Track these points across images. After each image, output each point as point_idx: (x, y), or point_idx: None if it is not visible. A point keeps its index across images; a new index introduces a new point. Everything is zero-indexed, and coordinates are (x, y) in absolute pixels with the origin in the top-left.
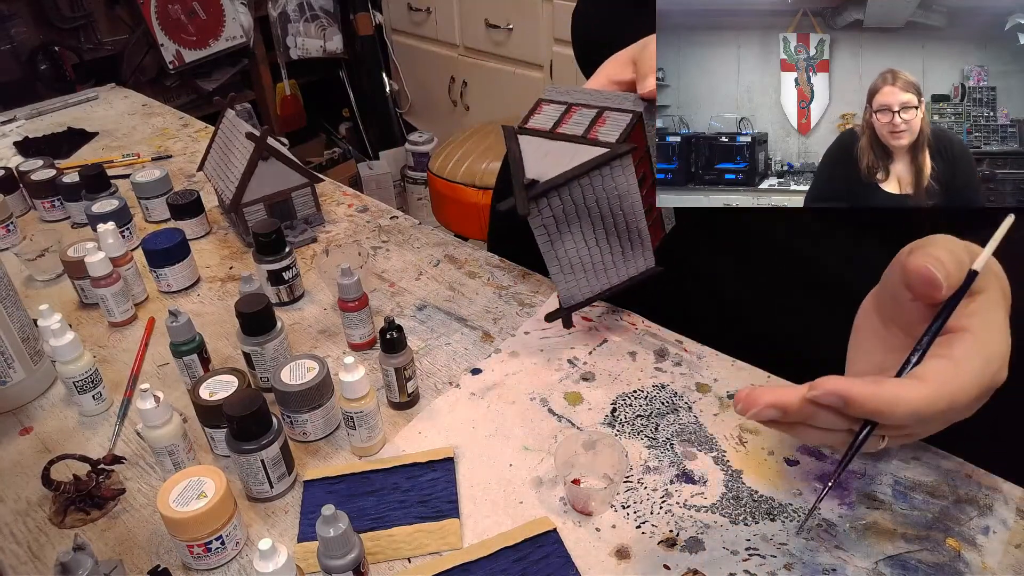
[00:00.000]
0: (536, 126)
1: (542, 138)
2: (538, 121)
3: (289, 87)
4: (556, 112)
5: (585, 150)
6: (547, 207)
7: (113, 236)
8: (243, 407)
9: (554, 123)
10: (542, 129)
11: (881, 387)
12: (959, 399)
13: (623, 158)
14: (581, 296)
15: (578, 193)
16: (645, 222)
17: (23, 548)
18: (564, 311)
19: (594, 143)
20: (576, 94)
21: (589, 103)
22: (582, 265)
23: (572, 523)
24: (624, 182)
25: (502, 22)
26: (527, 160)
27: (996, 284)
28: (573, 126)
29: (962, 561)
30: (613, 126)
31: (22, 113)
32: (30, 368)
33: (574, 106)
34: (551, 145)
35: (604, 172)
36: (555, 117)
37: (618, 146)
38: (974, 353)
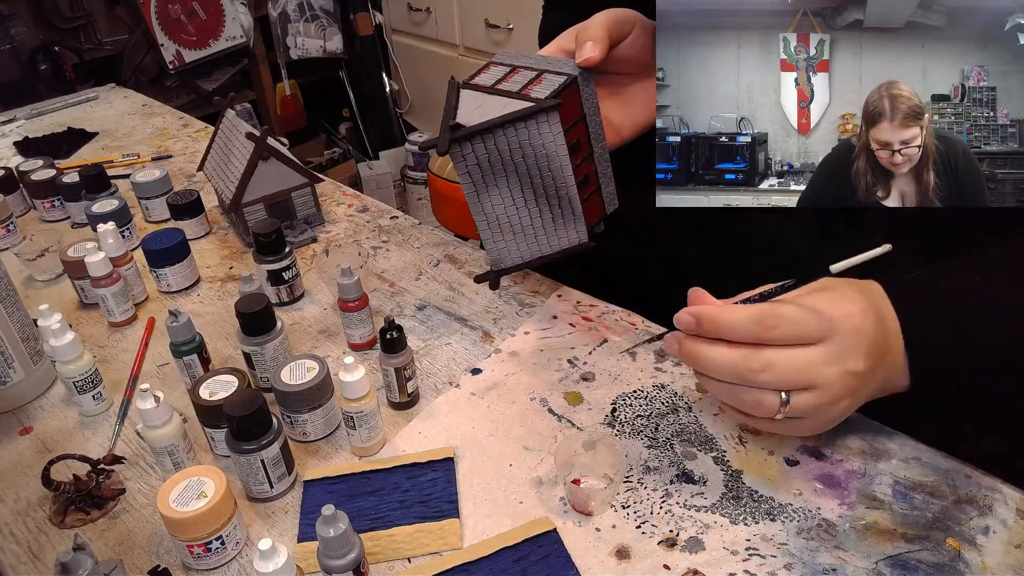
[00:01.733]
0: (479, 83)
1: (481, 93)
2: (482, 79)
3: (289, 87)
4: (501, 72)
5: (516, 104)
6: (471, 153)
7: (113, 236)
8: (243, 407)
9: (496, 81)
10: (483, 85)
11: (721, 308)
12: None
13: (549, 112)
14: (511, 260)
15: (503, 143)
16: (576, 190)
17: (23, 548)
18: (493, 274)
19: (525, 99)
20: (523, 59)
21: (532, 66)
22: (511, 226)
23: (572, 523)
24: (551, 139)
25: (502, 22)
26: (461, 110)
27: (850, 339)
28: (512, 84)
29: (962, 561)
30: (547, 86)
31: (22, 113)
32: (30, 368)
33: (518, 68)
34: (487, 99)
35: (530, 125)
36: (499, 76)
37: (544, 100)
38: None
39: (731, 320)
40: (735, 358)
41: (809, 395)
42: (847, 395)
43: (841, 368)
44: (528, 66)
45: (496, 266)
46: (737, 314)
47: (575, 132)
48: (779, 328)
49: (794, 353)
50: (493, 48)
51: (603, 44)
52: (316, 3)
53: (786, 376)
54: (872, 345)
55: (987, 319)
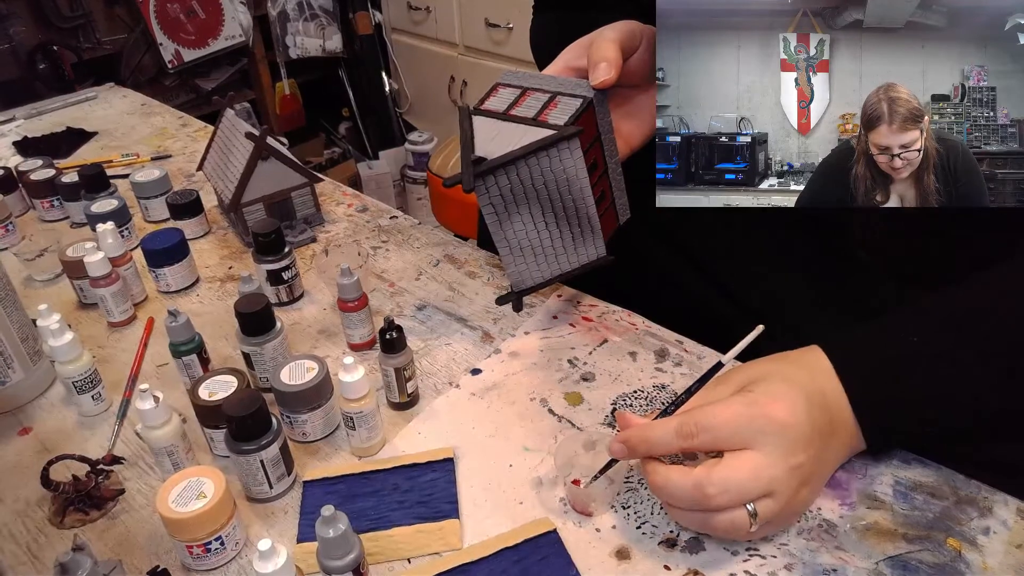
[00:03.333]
0: (490, 108)
1: (495, 119)
2: (493, 104)
3: (288, 86)
4: (511, 95)
5: (534, 132)
6: (494, 185)
7: (112, 236)
8: (242, 407)
9: (508, 105)
10: (496, 111)
11: (643, 427)
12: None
13: (570, 140)
14: (532, 280)
15: (525, 173)
16: (595, 209)
17: (22, 548)
18: (515, 295)
19: (543, 125)
20: (532, 79)
21: (543, 88)
22: (531, 249)
23: (572, 523)
24: (572, 165)
25: (502, 21)
26: (478, 139)
27: (780, 438)
28: (525, 109)
29: (963, 561)
30: (563, 110)
31: (21, 113)
32: (29, 368)
33: (528, 90)
34: (502, 126)
35: (551, 154)
36: (510, 100)
37: (565, 128)
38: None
39: (657, 437)
40: (690, 490)
41: (770, 500)
42: (802, 485)
43: (785, 465)
44: (540, 88)
45: (518, 287)
46: (659, 429)
47: (592, 153)
48: (697, 437)
49: (741, 464)
50: (493, 48)
51: (617, 64)
52: (315, 2)
53: (744, 489)
54: (810, 432)
55: (934, 372)
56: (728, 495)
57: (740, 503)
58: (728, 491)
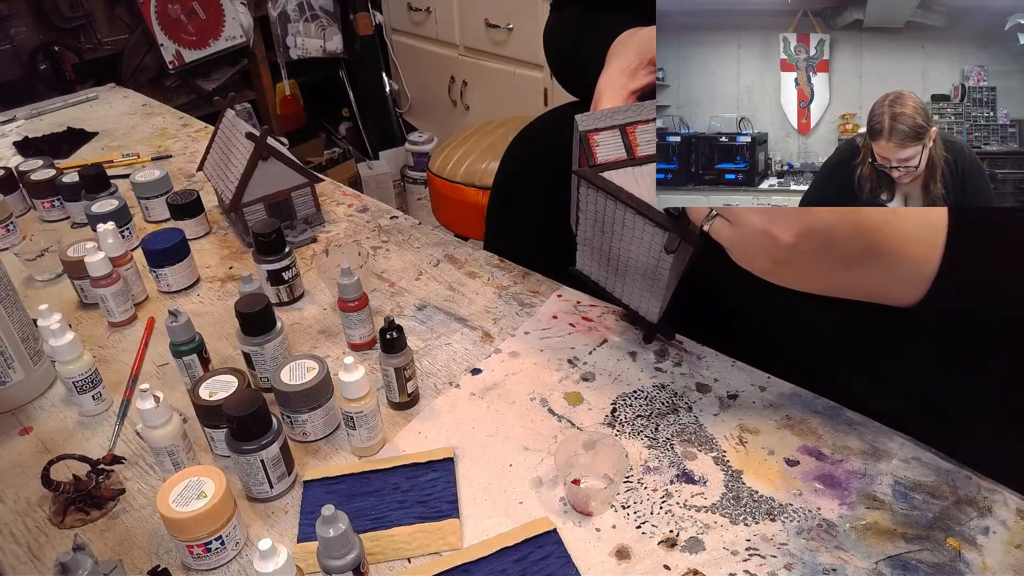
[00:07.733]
0: (610, 158)
1: (626, 168)
2: (605, 152)
3: (289, 87)
4: (615, 137)
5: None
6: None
7: (113, 236)
8: (243, 407)
9: (626, 148)
10: (619, 159)
11: None
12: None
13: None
14: (588, 272)
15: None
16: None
17: (23, 548)
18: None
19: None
20: (615, 115)
21: (637, 119)
22: (602, 252)
23: (572, 523)
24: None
25: (502, 22)
26: (631, 190)
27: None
28: (646, 145)
29: (962, 561)
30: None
31: (22, 113)
32: (30, 368)
33: (627, 126)
34: (639, 170)
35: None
36: (620, 142)
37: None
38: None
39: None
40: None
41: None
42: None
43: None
44: (633, 120)
45: (582, 271)
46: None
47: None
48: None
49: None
50: (493, 48)
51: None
52: (316, 3)
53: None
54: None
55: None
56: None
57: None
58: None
